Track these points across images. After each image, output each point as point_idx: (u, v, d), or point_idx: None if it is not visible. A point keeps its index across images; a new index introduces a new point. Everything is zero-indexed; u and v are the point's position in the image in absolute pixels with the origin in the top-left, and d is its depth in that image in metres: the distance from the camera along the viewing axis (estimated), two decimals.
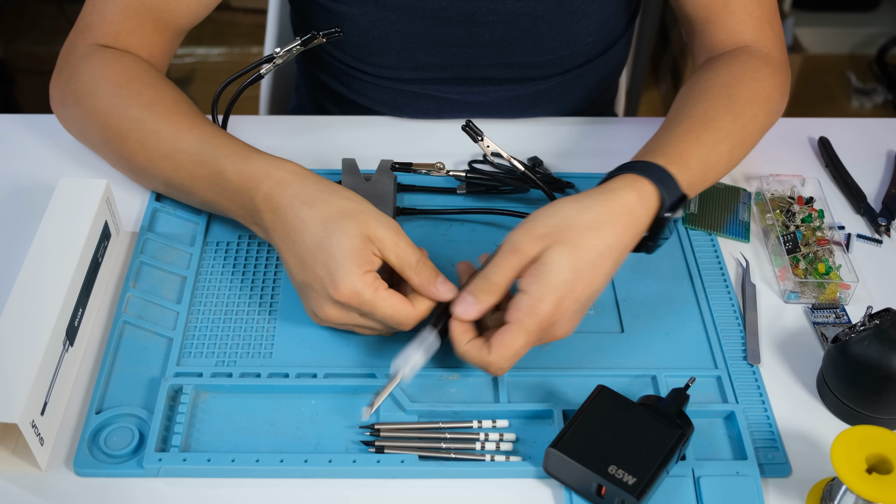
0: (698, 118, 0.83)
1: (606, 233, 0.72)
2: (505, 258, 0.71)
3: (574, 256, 0.70)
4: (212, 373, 0.75)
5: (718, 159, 0.82)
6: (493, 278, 0.72)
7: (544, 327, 0.70)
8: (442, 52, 0.98)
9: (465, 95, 1.03)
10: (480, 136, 0.85)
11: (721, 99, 0.85)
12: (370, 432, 0.72)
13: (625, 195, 0.74)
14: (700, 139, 0.81)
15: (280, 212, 0.74)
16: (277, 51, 0.85)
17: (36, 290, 0.73)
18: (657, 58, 2.43)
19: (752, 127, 0.86)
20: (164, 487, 0.69)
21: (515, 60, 1.00)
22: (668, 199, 0.75)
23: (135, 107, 0.83)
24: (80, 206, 0.80)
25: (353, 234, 0.71)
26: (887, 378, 0.71)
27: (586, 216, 0.72)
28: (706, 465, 0.71)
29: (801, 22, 2.53)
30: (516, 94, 1.03)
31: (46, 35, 2.47)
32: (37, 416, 0.68)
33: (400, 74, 1.01)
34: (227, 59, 2.51)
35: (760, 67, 0.90)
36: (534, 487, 0.70)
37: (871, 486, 0.63)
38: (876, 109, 2.49)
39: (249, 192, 0.76)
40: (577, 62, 1.03)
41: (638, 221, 0.74)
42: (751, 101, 0.87)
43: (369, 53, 0.99)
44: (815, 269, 0.85)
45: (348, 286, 0.70)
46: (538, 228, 0.72)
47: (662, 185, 0.75)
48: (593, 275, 0.71)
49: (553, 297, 0.69)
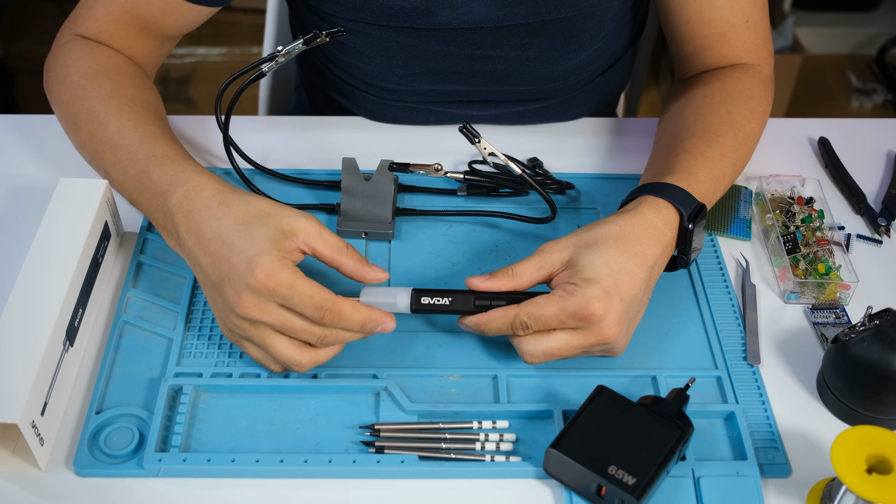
0: (701, 135, 0.86)
1: (632, 242, 0.75)
2: (530, 258, 0.75)
3: (603, 257, 0.73)
4: (212, 373, 0.75)
5: (724, 172, 0.84)
6: (514, 269, 0.75)
7: (581, 316, 0.71)
8: (444, 79, 0.99)
9: (467, 112, 1.03)
10: (478, 139, 0.85)
11: (721, 116, 0.88)
12: (370, 432, 0.72)
13: (643, 212, 0.77)
14: (705, 155, 0.83)
15: (195, 215, 0.73)
16: (280, 49, 0.85)
17: (36, 290, 0.73)
18: (657, 58, 2.43)
19: (751, 140, 0.89)
20: (164, 487, 0.69)
21: (517, 88, 1.00)
22: (685, 212, 0.78)
23: (93, 99, 0.84)
24: (79, 207, 0.80)
25: (274, 227, 0.70)
26: (887, 378, 0.71)
27: (611, 227, 0.75)
28: (706, 466, 0.71)
29: (801, 22, 2.53)
30: (517, 111, 1.03)
31: (46, 35, 2.47)
32: (37, 416, 0.68)
33: (402, 97, 1.01)
34: (227, 59, 2.51)
35: (754, 84, 0.93)
36: (534, 487, 0.70)
37: (871, 486, 0.63)
38: (876, 109, 2.49)
39: (166, 194, 0.75)
40: (580, 85, 1.04)
41: (661, 234, 0.76)
42: (748, 116, 0.89)
43: (372, 77, 1.00)
44: (815, 270, 0.85)
45: (266, 266, 0.68)
46: (565, 239, 0.76)
47: (677, 201, 0.78)
48: (629, 279, 0.73)
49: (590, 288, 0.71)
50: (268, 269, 0.68)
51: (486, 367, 0.77)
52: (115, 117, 0.83)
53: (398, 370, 0.76)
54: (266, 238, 0.69)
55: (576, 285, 0.72)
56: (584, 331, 0.72)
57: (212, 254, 0.71)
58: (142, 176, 0.78)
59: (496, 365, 0.77)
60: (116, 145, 0.81)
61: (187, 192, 0.74)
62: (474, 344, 0.79)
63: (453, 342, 0.79)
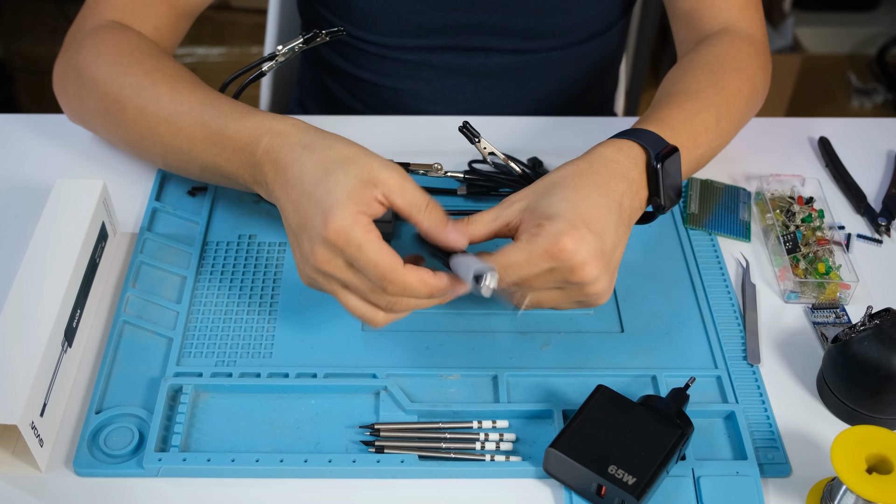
0: (680, 92, 0.84)
1: (592, 176, 0.71)
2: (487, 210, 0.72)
3: (562, 194, 0.70)
4: (212, 373, 0.75)
5: (706, 126, 0.82)
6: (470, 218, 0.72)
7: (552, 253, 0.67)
8: (445, 16, 0.99)
9: (468, 66, 1.03)
10: (478, 138, 0.85)
11: (704, 74, 0.87)
12: (370, 432, 0.72)
13: (602, 151, 0.74)
14: (682, 107, 0.81)
15: (280, 161, 0.71)
16: (280, 48, 0.85)
17: (34, 291, 0.73)
18: (657, 58, 2.43)
19: (737, 101, 0.86)
20: (164, 487, 0.69)
21: (517, 28, 1.01)
22: (651, 150, 0.74)
23: (135, 74, 0.83)
24: (77, 207, 0.80)
25: (354, 175, 0.67)
26: (887, 378, 0.71)
27: (567, 168, 0.73)
28: (706, 465, 0.71)
29: (801, 22, 2.53)
30: (517, 66, 1.04)
31: (46, 35, 2.47)
32: (36, 417, 0.68)
33: (403, 43, 1.02)
34: (227, 59, 2.51)
35: (743, 48, 0.91)
36: (534, 487, 0.70)
37: (871, 486, 0.63)
38: (876, 109, 2.49)
39: (250, 146, 0.74)
40: (577, 38, 1.05)
41: (625, 169, 0.73)
42: (734, 76, 0.87)
43: (373, 20, 1.00)
44: (815, 269, 0.85)
45: (339, 221, 0.65)
46: (523, 191, 0.72)
47: (642, 140, 0.75)
48: (595, 209, 0.69)
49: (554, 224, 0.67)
50: (339, 224, 0.65)
51: (486, 367, 0.77)
52: (165, 88, 0.80)
53: (398, 370, 0.76)
54: (344, 188, 0.66)
55: (540, 226, 0.68)
56: (561, 271, 0.68)
57: (294, 201, 0.69)
58: (216, 137, 0.76)
59: (496, 365, 0.77)
60: (175, 114, 0.79)
61: (272, 140, 0.72)
62: (474, 344, 0.79)
63: (453, 342, 0.79)
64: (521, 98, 1.09)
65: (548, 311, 0.81)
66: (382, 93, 1.09)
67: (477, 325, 0.80)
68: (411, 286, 0.66)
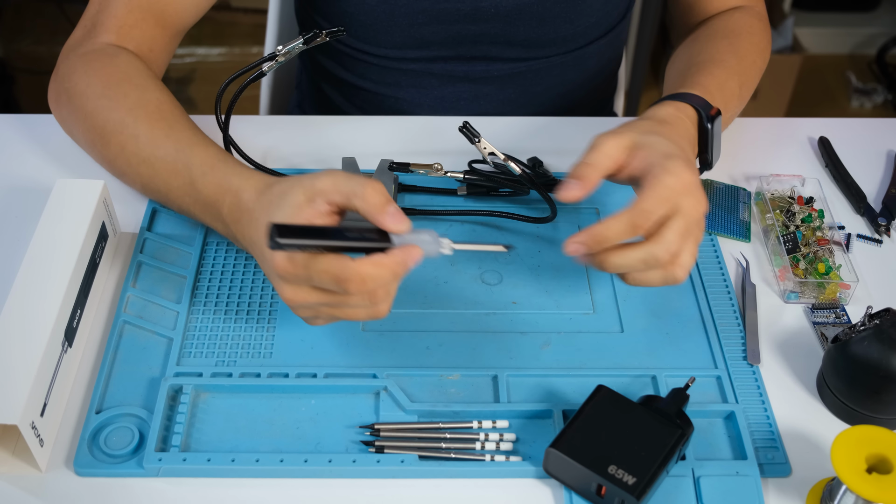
0: (708, 60, 0.91)
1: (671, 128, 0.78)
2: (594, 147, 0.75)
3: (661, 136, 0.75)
4: (212, 373, 0.75)
5: (732, 93, 0.89)
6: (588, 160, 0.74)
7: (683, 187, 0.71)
8: (447, 28, 0.99)
9: (469, 73, 1.03)
10: (478, 138, 0.85)
11: (724, 45, 0.94)
12: (370, 432, 0.72)
13: (665, 109, 0.81)
14: (713, 74, 0.88)
15: (242, 220, 0.73)
16: (280, 49, 0.85)
17: (34, 291, 0.73)
18: (657, 58, 2.43)
19: (752, 71, 0.95)
20: (165, 487, 0.69)
21: (519, 38, 1.01)
22: (703, 112, 0.82)
23: (119, 109, 0.84)
24: (77, 208, 0.80)
25: (288, 204, 0.67)
26: (887, 378, 0.71)
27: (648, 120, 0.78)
28: (706, 465, 0.71)
29: (801, 22, 2.53)
30: (518, 72, 1.05)
31: (46, 35, 2.47)
32: (36, 417, 0.68)
33: (405, 54, 1.01)
34: (227, 59, 2.51)
35: (755, 24, 0.99)
36: (534, 487, 0.70)
37: (871, 486, 0.63)
38: (876, 109, 2.49)
39: (216, 205, 0.76)
40: (579, 43, 1.05)
41: (687, 127, 0.80)
42: (750, 49, 0.95)
43: (374, 32, 1.00)
44: (815, 269, 0.85)
45: (278, 255, 0.65)
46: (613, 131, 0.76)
47: (695, 102, 0.82)
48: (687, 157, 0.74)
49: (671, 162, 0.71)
50: (280, 257, 0.65)
51: (486, 366, 0.77)
52: (144, 128, 0.82)
53: (398, 370, 0.76)
54: (282, 219, 0.66)
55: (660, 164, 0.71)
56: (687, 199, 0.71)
57: (258, 257, 0.71)
58: (188, 188, 0.78)
59: (496, 365, 0.77)
60: (152, 157, 0.81)
61: (233, 199, 0.74)
62: (474, 344, 0.79)
63: (453, 342, 0.79)
64: (523, 102, 1.09)
65: (547, 312, 0.81)
66: (383, 100, 1.09)
67: (477, 325, 0.80)
68: (369, 274, 0.64)
